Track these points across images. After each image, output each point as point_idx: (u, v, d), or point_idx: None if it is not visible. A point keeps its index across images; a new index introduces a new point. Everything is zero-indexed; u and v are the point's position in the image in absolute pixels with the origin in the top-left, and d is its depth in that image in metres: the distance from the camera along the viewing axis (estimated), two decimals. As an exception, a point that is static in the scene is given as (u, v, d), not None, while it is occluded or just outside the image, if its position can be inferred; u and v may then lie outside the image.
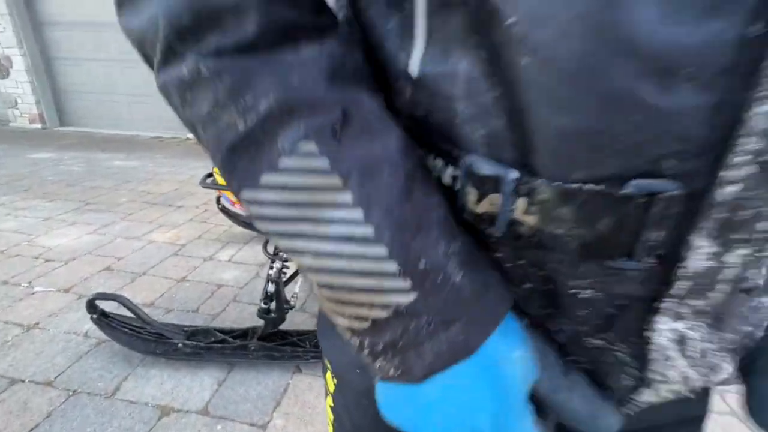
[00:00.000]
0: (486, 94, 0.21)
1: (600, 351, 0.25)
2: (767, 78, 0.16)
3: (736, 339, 0.26)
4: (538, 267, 0.24)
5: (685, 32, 0.16)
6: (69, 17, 6.01)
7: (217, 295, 1.84)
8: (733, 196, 0.19)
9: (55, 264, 2.04)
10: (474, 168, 0.22)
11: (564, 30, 0.17)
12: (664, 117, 0.18)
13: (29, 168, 3.92)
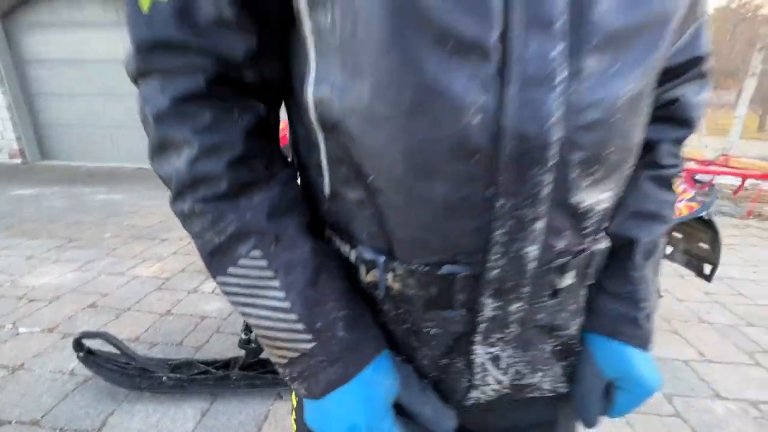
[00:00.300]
0: (366, 213, 0.34)
1: (447, 366, 0.38)
2: (499, 220, 0.29)
3: (541, 357, 0.39)
4: (406, 314, 0.37)
5: (441, 194, 0.29)
6: (52, 55, 6.12)
7: (200, 327, 1.91)
8: (497, 275, 0.32)
9: (39, 303, 2.08)
10: (362, 254, 0.35)
11: (405, 192, 0.30)
12: (455, 236, 0.31)
13: (11, 205, 3.93)
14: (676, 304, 2.27)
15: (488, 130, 0.26)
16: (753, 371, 1.70)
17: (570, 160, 0.28)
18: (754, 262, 2.90)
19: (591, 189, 0.31)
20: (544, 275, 0.34)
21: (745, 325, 2.06)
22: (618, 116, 0.29)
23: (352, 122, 0.29)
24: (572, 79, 0.26)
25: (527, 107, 0.26)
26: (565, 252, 0.34)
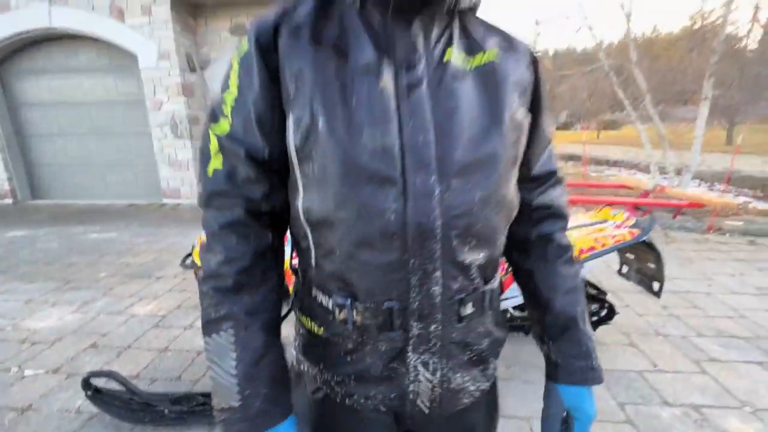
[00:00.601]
0: (336, 275, 0.54)
1: (393, 369, 0.56)
2: (413, 272, 0.50)
3: (460, 363, 0.58)
4: (367, 338, 0.56)
5: (378, 260, 0.50)
6: (46, 98, 6.33)
7: (197, 361, 2.04)
8: (417, 307, 0.52)
9: (42, 346, 2.20)
10: (336, 301, 0.55)
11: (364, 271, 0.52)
12: (389, 284, 0.51)
13: (5, 248, 4.02)
14: (636, 318, 2.49)
15: (399, 223, 0.48)
16: (698, 378, 1.91)
17: (450, 236, 0.50)
18: (710, 275, 3.15)
19: (469, 252, 0.52)
20: (450, 306, 0.53)
21: (695, 336, 2.27)
22: (475, 210, 0.51)
23: (325, 223, 0.50)
24: (443, 192, 0.48)
25: (419, 209, 0.48)
26: (460, 290, 0.54)
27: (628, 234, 2.00)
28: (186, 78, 5.82)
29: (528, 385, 1.85)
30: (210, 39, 6.09)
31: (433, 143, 0.48)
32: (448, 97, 0.49)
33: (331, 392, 0.60)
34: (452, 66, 0.50)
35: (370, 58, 0.48)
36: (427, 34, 0.49)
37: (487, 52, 0.53)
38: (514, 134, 0.54)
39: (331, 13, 0.51)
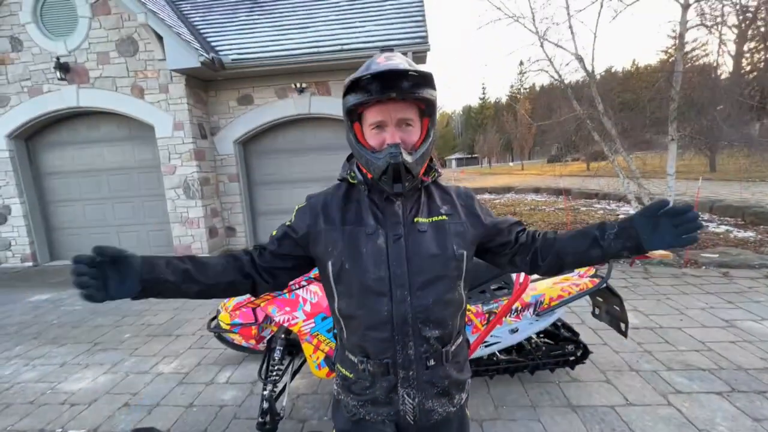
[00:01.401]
0: (357, 344, 0.92)
1: (390, 397, 0.92)
2: (397, 343, 0.88)
3: (431, 395, 0.92)
4: (375, 380, 0.92)
5: (379, 336, 0.88)
6: (68, 167, 6.88)
7: (220, 414, 2.30)
8: (401, 362, 0.88)
9: (80, 407, 2.46)
10: (358, 358, 0.92)
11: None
12: (385, 349, 0.89)
13: (32, 314, 4.33)
14: (613, 355, 2.75)
15: (389, 316, 0.87)
16: (664, 410, 2.15)
17: (417, 322, 0.88)
18: (683, 310, 3.43)
19: (429, 330, 0.89)
20: (419, 361, 0.90)
21: (664, 370, 2.53)
22: (431, 308, 0.88)
23: (350, 316, 0.90)
24: (412, 299, 0.87)
25: (399, 309, 0.87)
26: (426, 352, 0.90)
27: (590, 283, 2.34)
28: (198, 144, 6.40)
29: (513, 423, 2.10)
30: (219, 109, 6.75)
31: (406, 273, 0.89)
32: (415, 244, 0.91)
33: (357, 412, 0.96)
34: (418, 224, 0.92)
35: (373, 228, 0.91)
36: (405, 208, 0.93)
37: (441, 216, 0.95)
38: (455, 263, 0.93)
39: (353, 195, 0.97)
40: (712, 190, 10.76)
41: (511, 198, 13.83)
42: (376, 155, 0.85)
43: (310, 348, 2.04)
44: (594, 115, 6.16)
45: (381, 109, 0.85)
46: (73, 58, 6.16)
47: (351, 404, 0.96)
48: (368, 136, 0.88)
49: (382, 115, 0.85)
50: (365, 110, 0.87)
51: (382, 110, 0.85)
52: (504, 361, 2.41)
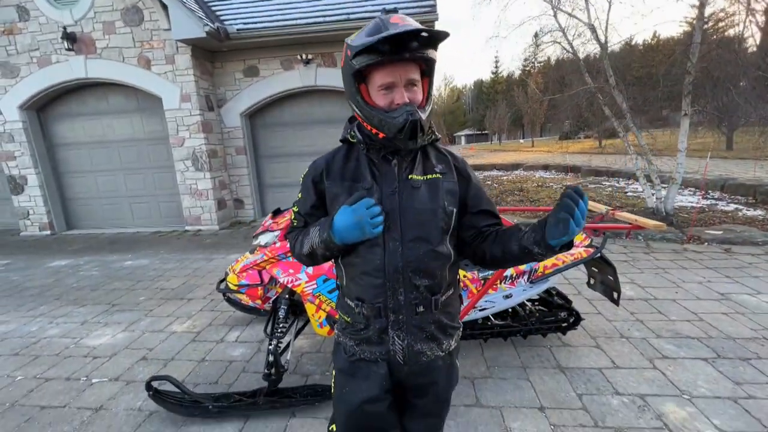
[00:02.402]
0: (354, 289, 1.02)
1: (381, 336, 1.01)
2: (388, 289, 0.98)
3: (419, 338, 1.02)
4: (368, 321, 1.01)
5: (372, 281, 0.98)
6: (79, 139, 7.00)
7: (230, 369, 2.47)
8: (391, 305, 0.99)
9: (102, 360, 2.66)
10: (354, 301, 1.02)
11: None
12: (378, 293, 0.98)
13: (53, 277, 4.56)
14: (605, 323, 2.84)
15: (382, 264, 0.96)
16: (649, 373, 2.26)
17: (407, 271, 0.96)
18: (680, 283, 3.49)
19: (418, 279, 0.97)
20: (409, 307, 0.98)
21: (654, 338, 2.62)
22: (420, 258, 0.96)
23: (349, 263, 1.00)
24: (404, 250, 0.95)
25: (391, 258, 0.95)
26: (415, 299, 0.98)
27: (584, 252, 2.39)
28: (205, 116, 6.44)
29: (503, 381, 2.23)
30: (226, 80, 6.73)
31: (398, 225, 0.95)
32: (408, 199, 0.97)
33: (354, 352, 1.05)
34: (412, 181, 0.98)
35: (370, 183, 0.98)
36: (401, 165, 0.99)
37: (435, 174, 1.00)
38: (444, 218, 0.99)
39: (352, 154, 1.03)
40: (726, 169, 10.53)
41: (519, 175, 13.69)
42: (392, 114, 0.89)
43: (312, 308, 2.16)
44: (606, 89, 6.00)
45: (391, 70, 0.88)
46: (79, 27, 6.15)
47: (349, 345, 1.06)
48: (376, 96, 0.91)
49: (392, 76, 0.88)
50: (373, 71, 0.90)
51: (392, 71, 0.88)
52: (498, 326, 2.52)
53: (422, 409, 1.09)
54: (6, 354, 2.81)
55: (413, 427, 1.12)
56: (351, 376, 1.05)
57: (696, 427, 1.83)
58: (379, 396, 1.02)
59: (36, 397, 2.28)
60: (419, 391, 1.07)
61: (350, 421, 1.06)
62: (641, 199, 7.49)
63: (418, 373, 1.04)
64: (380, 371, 1.03)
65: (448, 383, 1.10)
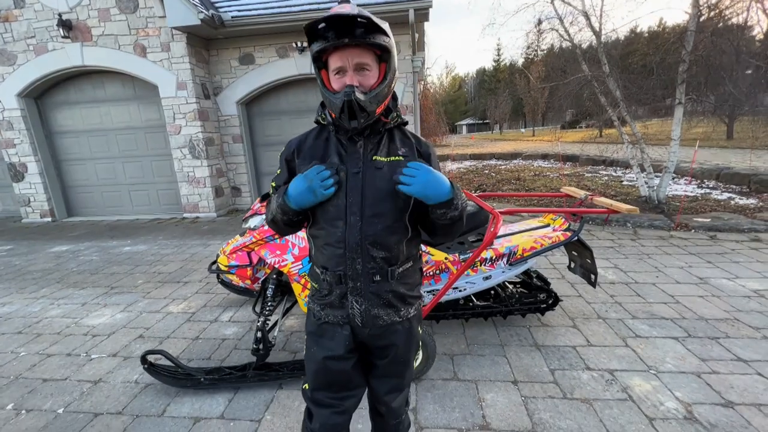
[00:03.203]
0: (320, 258, 1.12)
1: (341, 301, 1.11)
2: (347, 258, 1.07)
3: (376, 303, 1.12)
4: (331, 287, 1.11)
5: (333, 252, 1.08)
6: (78, 127, 7.06)
7: (222, 346, 2.60)
8: (350, 273, 1.09)
9: (101, 338, 2.78)
10: (320, 269, 1.12)
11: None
12: (339, 262, 1.08)
13: (53, 262, 4.68)
14: (584, 305, 2.95)
15: (343, 237, 1.05)
16: (620, 350, 2.37)
17: (365, 244, 1.05)
18: (662, 268, 3.58)
19: (376, 251, 1.06)
20: (366, 275, 1.07)
21: (630, 319, 2.72)
22: (378, 233, 1.05)
23: (316, 236, 1.10)
24: (363, 225, 1.04)
25: (351, 232, 1.04)
26: (372, 268, 1.07)
27: (562, 236, 2.48)
28: (202, 104, 6.48)
29: (481, 358, 2.34)
30: (221, 68, 6.75)
31: (359, 202, 1.04)
32: (371, 179, 1.05)
33: (320, 316, 1.15)
34: (376, 162, 1.05)
35: (337, 163, 1.05)
36: (366, 147, 1.06)
37: (397, 156, 1.07)
38: (403, 197, 1.06)
39: (323, 135, 1.11)
40: (724, 158, 10.54)
41: (518, 164, 13.71)
42: (335, 95, 0.97)
43: (298, 287, 2.26)
44: (600, 77, 6.01)
45: (340, 55, 0.96)
46: (74, 15, 6.16)
47: (316, 309, 1.17)
48: (332, 81, 1.00)
49: (341, 60, 0.97)
50: (328, 57, 0.99)
51: (342, 56, 0.96)
52: (479, 306, 2.62)
53: (383, 370, 1.19)
54: (10, 332, 2.94)
55: (376, 385, 1.23)
56: (319, 336, 1.16)
57: (658, 399, 1.94)
58: (343, 355, 1.12)
59: (39, 371, 2.41)
60: (380, 352, 1.17)
61: (317, 377, 1.16)
62: (635, 188, 7.55)
63: (377, 336, 1.13)
64: (344, 332, 1.12)
65: (407, 347, 1.19)
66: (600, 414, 1.85)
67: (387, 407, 1.25)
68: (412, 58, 6.42)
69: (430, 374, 2.19)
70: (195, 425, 1.90)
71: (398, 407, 1.27)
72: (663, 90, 6.11)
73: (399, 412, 1.30)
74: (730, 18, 7.82)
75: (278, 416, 1.94)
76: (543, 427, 1.79)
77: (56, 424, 1.95)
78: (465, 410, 1.91)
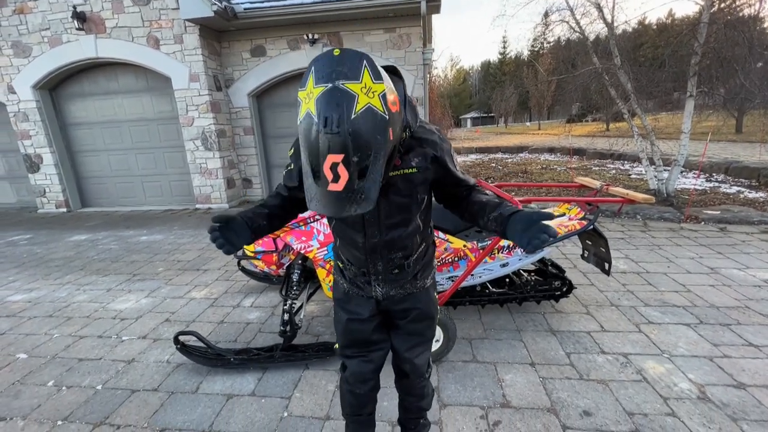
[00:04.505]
0: (342, 255, 1.21)
1: (364, 284, 1.21)
2: (369, 261, 1.16)
3: (396, 286, 1.21)
4: (354, 277, 1.20)
5: (355, 254, 1.15)
6: (91, 118, 7.15)
7: (247, 329, 2.69)
8: (373, 270, 1.18)
9: (129, 321, 2.89)
10: (343, 263, 1.22)
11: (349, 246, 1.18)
12: (361, 261, 1.18)
13: (74, 250, 4.80)
14: (597, 293, 3.02)
15: (364, 245, 1.14)
16: (633, 336, 2.44)
17: (385, 249, 1.14)
18: (672, 259, 3.63)
19: (394, 253, 1.16)
20: (387, 270, 1.18)
21: (642, 306, 2.79)
22: (397, 239, 1.14)
23: (339, 238, 1.18)
24: (381, 235, 1.12)
25: (371, 241, 1.13)
26: (391, 265, 1.17)
27: (578, 224, 2.54)
28: (214, 96, 6.54)
29: (498, 342, 2.42)
30: (233, 60, 6.80)
31: (376, 216, 1.09)
32: (385, 193, 1.03)
33: (347, 287, 1.25)
34: (390, 177, 1.03)
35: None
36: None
37: (412, 169, 1.06)
38: (417, 206, 1.13)
39: None
40: (733, 152, 10.49)
41: (524, 157, 13.69)
42: None
43: (323, 272, 2.34)
44: (611, 70, 6.01)
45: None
46: (88, 6, 6.21)
47: (342, 283, 1.29)
48: None
49: None
50: None
51: None
52: (495, 293, 2.70)
53: (405, 329, 1.30)
54: (41, 315, 3.05)
55: (398, 343, 1.33)
56: (346, 302, 1.29)
57: (672, 380, 2.01)
58: (365, 317, 1.26)
59: (73, 351, 2.52)
60: (402, 314, 1.28)
61: (345, 337, 1.31)
62: (644, 181, 7.55)
63: (399, 301, 1.25)
64: (369, 300, 1.25)
65: (427, 306, 1.28)
66: (616, 394, 1.93)
67: (411, 364, 1.33)
68: (423, 50, 6.44)
69: (450, 357, 2.27)
70: (228, 401, 2.00)
71: (422, 365, 1.36)
72: (673, 83, 6.09)
73: (422, 370, 1.38)
74: (743, 9, 7.76)
75: (306, 393, 2.03)
76: (561, 405, 1.87)
77: (97, 399, 2.06)
78: (486, 389, 2.00)
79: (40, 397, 2.09)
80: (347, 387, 1.38)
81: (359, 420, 1.46)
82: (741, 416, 1.75)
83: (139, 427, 1.85)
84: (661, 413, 1.79)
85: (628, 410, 1.82)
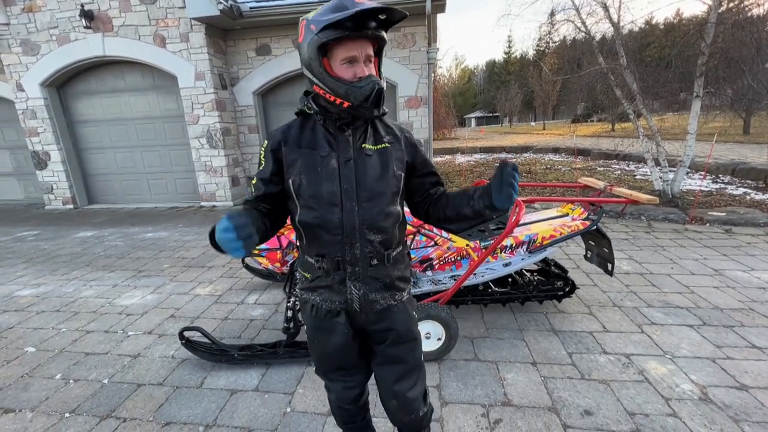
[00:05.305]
0: (314, 247, 1.16)
1: (340, 287, 1.15)
2: (345, 244, 1.12)
3: (374, 288, 1.19)
4: (327, 275, 1.16)
5: (331, 238, 1.13)
6: (98, 116, 7.22)
7: (251, 326, 2.72)
8: (348, 258, 1.15)
9: (135, 316, 2.93)
10: (314, 257, 1.16)
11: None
12: (336, 249, 1.13)
13: (81, 246, 4.86)
14: (600, 294, 3.01)
15: (339, 223, 1.08)
16: (636, 336, 2.44)
17: (363, 229, 1.10)
18: (676, 260, 3.62)
19: (372, 235, 1.12)
20: (364, 260, 1.13)
21: (645, 307, 2.79)
22: (374, 217, 1.11)
23: (308, 224, 1.11)
24: (359, 210, 1.09)
25: (348, 217, 1.08)
26: (369, 252, 1.12)
27: (581, 225, 2.55)
28: (219, 95, 6.58)
29: (500, 341, 2.43)
30: (238, 59, 6.83)
31: (354, 188, 1.08)
32: (363, 166, 1.08)
33: (316, 305, 1.17)
34: (366, 150, 1.09)
35: (327, 151, 1.08)
36: (354, 135, 1.10)
37: (384, 144, 1.12)
38: (395, 182, 1.13)
39: (308, 125, 1.11)
40: (740, 153, 10.40)
41: (529, 157, 13.65)
42: (358, 84, 0.99)
43: (326, 270, 2.36)
44: (617, 70, 5.98)
45: (353, 45, 0.97)
46: (96, 5, 6.27)
47: (311, 299, 1.18)
48: (339, 69, 0.99)
49: (355, 50, 0.97)
50: (335, 46, 0.98)
51: (354, 46, 0.97)
52: (498, 292, 2.71)
53: (385, 355, 1.23)
54: (49, 310, 3.10)
55: (382, 374, 1.25)
56: (317, 330, 1.21)
57: (674, 381, 2.01)
58: (343, 343, 1.19)
59: (80, 346, 2.56)
60: (379, 337, 1.21)
61: (322, 363, 1.28)
62: (649, 182, 7.51)
63: (374, 321, 1.18)
64: (341, 321, 1.16)
65: (408, 326, 1.22)
66: (617, 393, 1.94)
67: (399, 399, 1.24)
68: (428, 49, 6.44)
69: (451, 355, 2.29)
70: (233, 396, 2.03)
71: (414, 399, 1.25)
72: (680, 83, 6.05)
73: (415, 407, 1.27)
74: (751, 9, 7.68)
75: (309, 389, 2.05)
76: (563, 404, 1.88)
77: (103, 392, 2.09)
78: (487, 388, 2.01)
79: (48, 389, 2.13)
80: (336, 404, 1.37)
81: (354, 427, 1.44)
82: (743, 417, 1.75)
83: (144, 420, 1.88)
84: (663, 414, 1.80)
85: (630, 410, 1.82)
